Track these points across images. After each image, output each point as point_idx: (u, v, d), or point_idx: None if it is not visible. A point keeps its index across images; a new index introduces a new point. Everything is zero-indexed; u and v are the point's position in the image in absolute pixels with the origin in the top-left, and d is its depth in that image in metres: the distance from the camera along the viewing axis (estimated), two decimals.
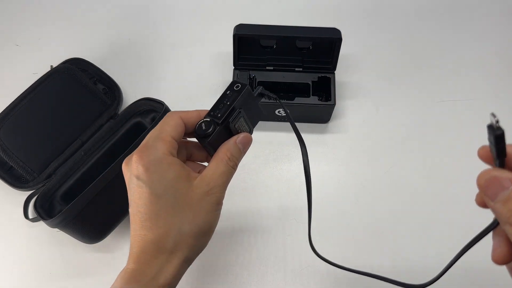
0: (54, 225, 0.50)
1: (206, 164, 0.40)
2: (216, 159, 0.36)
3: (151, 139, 0.35)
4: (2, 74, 0.71)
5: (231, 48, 0.60)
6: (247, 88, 0.37)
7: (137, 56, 0.72)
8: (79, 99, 0.60)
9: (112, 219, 0.54)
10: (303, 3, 0.77)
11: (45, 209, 0.54)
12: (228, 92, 0.37)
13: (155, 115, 0.61)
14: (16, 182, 0.57)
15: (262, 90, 0.40)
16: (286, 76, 0.63)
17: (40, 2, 0.78)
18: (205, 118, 0.36)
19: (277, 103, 0.39)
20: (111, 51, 0.72)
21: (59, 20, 0.76)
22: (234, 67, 0.62)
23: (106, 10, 0.77)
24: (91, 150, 0.59)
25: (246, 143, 0.37)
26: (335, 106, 0.61)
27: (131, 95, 0.67)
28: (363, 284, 0.55)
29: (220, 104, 0.37)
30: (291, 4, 0.77)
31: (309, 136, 0.65)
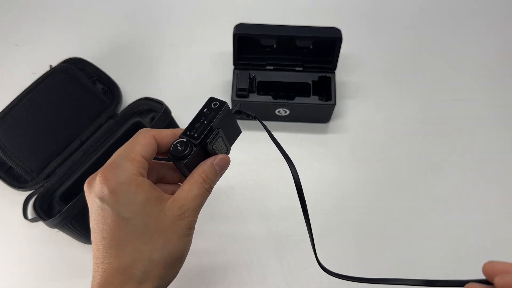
0: (53, 225, 0.50)
1: (179, 184, 0.37)
2: (191, 181, 0.33)
3: (119, 157, 0.32)
4: (1, 73, 0.71)
5: (231, 47, 0.59)
6: (225, 106, 0.35)
7: (136, 56, 0.72)
8: (78, 98, 0.60)
9: None
10: (303, 2, 0.77)
11: (44, 209, 0.54)
12: (205, 110, 0.35)
13: (155, 115, 0.61)
14: (15, 182, 0.57)
15: (239, 108, 0.38)
16: (286, 75, 0.63)
17: (40, 2, 0.77)
18: (180, 138, 0.34)
19: (254, 120, 0.38)
20: (110, 51, 0.72)
21: (58, 19, 0.76)
22: (234, 67, 0.62)
23: (106, 9, 0.77)
24: (90, 150, 0.59)
25: (224, 165, 0.35)
26: (336, 106, 0.61)
27: (130, 95, 0.67)
28: (362, 284, 0.55)
29: (197, 122, 0.34)
30: (291, 4, 0.77)
31: (309, 136, 0.65)
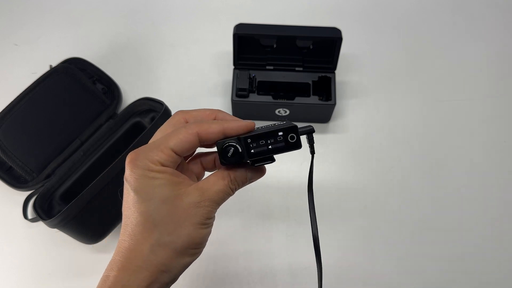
0: (53, 225, 0.50)
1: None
2: (218, 175, 0.33)
3: (153, 144, 0.33)
4: (1, 73, 0.70)
5: (231, 47, 0.59)
6: (297, 148, 0.33)
7: (136, 56, 0.72)
8: (78, 98, 0.60)
9: (111, 220, 0.54)
10: (303, 2, 0.77)
11: (44, 209, 0.54)
12: (280, 135, 0.32)
13: (155, 115, 0.61)
14: (15, 182, 0.57)
15: (310, 137, 0.35)
16: (286, 75, 0.63)
17: (40, 2, 0.77)
18: (237, 143, 0.32)
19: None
20: (110, 51, 0.72)
21: (58, 19, 0.76)
22: (234, 67, 0.62)
23: (106, 9, 0.77)
24: (90, 150, 0.59)
25: (257, 176, 0.35)
26: (336, 106, 0.61)
27: (130, 95, 0.67)
28: (362, 283, 0.55)
29: (263, 140, 0.32)
30: (291, 4, 0.77)
31: None
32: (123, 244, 0.32)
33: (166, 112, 0.57)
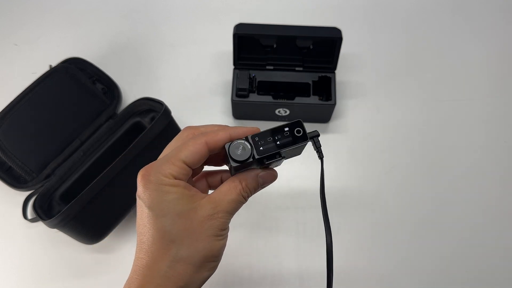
0: (53, 225, 0.50)
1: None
2: (230, 184, 0.33)
3: (164, 158, 0.33)
4: (1, 73, 0.70)
5: (231, 47, 0.59)
6: (305, 142, 0.34)
7: (136, 56, 0.72)
8: (78, 98, 0.60)
9: (111, 220, 0.54)
10: (303, 2, 0.77)
11: (44, 209, 0.54)
12: (286, 130, 0.34)
13: (155, 115, 0.61)
14: (15, 182, 0.57)
15: (316, 141, 0.36)
16: (286, 75, 0.62)
17: (39, 2, 0.77)
18: (245, 141, 0.32)
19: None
20: (110, 51, 0.72)
21: (58, 19, 0.76)
22: (234, 67, 0.62)
23: (106, 9, 0.77)
24: (90, 150, 0.59)
25: (269, 180, 0.35)
26: (336, 106, 0.61)
27: (130, 95, 0.67)
28: (363, 284, 0.55)
29: (271, 137, 0.33)
30: (291, 4, 0.77)
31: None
32: (140, 262, 0.32)
33: (166, 112, 0.57)
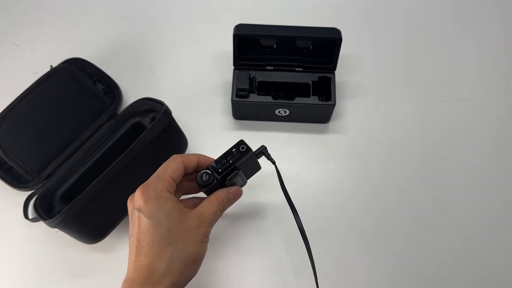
0: (54, 225, 0.50)
1: (197, 195, 0.49)
2: (209, 201, 0.43)
3: (154, 178, 0.42)
4: (1, 74, 0.71)
5: (231, 47, 0.59)
6: (250, 152, 0.43)
7: (136, 56, 0.72)
8: (78, 99, 0.60)
9: (112, 219, 0.54)
10: (303, 2, 0.77)
11: (44, 209, 0.54)
12: (233, 150, 0.43)
13: (155, 115, 0.61)
14: (15, 182, 0.57)
15: (263, 150, 0.45)
16: (286, 76, 0.63)
17: (40, 2, 0.77)
18: (207, 170, 0.43)
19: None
20: (110, 51, 0.72)
21: (58, 19, 0.76)
22: (234, 67, 0.62)
23: (106, 9, 0.77)
24: (90, 150, 0.59)
25: (237, 195, 0.46)
26: (335, 106, 0.61)
27: (130, 95, 0.67)
28: (363, 284, 0.55)
29: (224, 159, 0.43)
30: (291, 4, 0.77)
31: (309, 136, 0.65)
32: (140, 264, 0.39)
33: (167, 112, 0.57)
